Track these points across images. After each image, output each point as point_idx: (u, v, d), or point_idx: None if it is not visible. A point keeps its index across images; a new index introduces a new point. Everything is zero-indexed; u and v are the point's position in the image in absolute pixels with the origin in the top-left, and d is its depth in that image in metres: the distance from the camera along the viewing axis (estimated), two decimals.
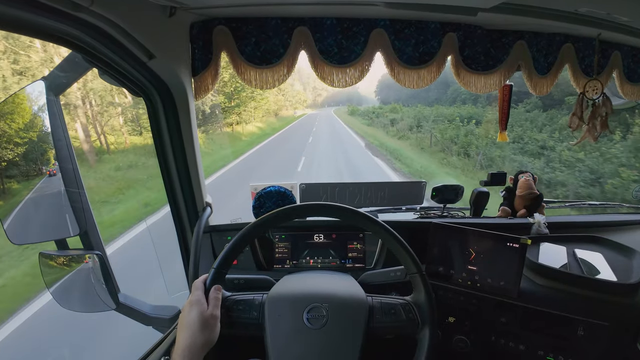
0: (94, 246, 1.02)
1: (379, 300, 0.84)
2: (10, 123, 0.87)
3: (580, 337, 0.96)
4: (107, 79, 0.96)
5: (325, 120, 41.95)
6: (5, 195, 0.86)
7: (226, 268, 0.81)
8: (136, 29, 0.83)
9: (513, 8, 1.00)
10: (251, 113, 22.94)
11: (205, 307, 0.74)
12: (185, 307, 0.74)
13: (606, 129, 1.18)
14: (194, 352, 0.68)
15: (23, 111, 0.87)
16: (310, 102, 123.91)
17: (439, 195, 1.50)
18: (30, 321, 3.23)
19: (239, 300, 0.83)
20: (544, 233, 1.25)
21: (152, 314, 1.13)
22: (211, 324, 0.72)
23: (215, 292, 0.77)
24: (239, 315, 0.80)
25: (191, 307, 0.73)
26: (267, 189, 1.35)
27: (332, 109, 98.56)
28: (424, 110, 23.48)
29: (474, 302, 1.05)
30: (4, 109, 0.88)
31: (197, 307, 0.73)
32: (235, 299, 0.83)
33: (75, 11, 0.68)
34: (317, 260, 1.28)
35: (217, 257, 0.81)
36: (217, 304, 0.76)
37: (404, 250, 0.83)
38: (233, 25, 1.11)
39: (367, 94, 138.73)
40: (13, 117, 0.87)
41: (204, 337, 0.70)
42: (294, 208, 0.86)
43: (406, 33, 1.16)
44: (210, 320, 0.72)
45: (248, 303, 0.82)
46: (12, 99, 0.89)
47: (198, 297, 0.75)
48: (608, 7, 1.02)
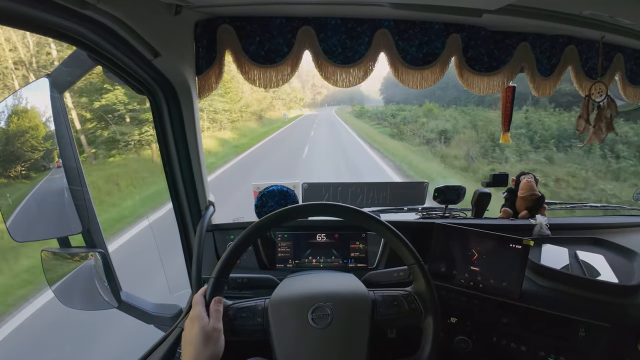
0: (96, 244, 1.02)
1: (381, 294, 0.85)
2: (34, 135, 0.95)
3: (582, 338, 0.97)
4: (111, 76, 0.96)
5: (326, 126, 30.19)
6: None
7: (226, 276, 0.80)
8: (142, 27, 0.83)
9: (517, 10, 1.00)
10: (216, 117, 16.27)
11: (207, 322, 0.73)
12: (187, 324, 0.74)
13: (612, 130, 1.19)
14: None
15: (41, 125, 0.95)
16: (308, 100, 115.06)
17: (440, 196, 1.50)
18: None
19: (242, 308, 0.82)
20: (546, 234, 1.26)
21: (154, 313, 1.13)
22: (214, 337, 0.72)
23: (216, 305, 0.76)
24: (242, 323, 0.80)
25: (192, 323, 0.73)
26: (269, 188, 1.35)
27: (333, 108, 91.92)
28: (469, 115, 16.66)
29: (475, 302, 1.06)
30: (28, 125, 0.96)
31: (198, 322, 0.72)
32: (237, 307, 0.82)
33: (82, 8, 0.67)
34: (319, 260, 1.28)
35: (216, 265, 0.80)
36: (218, 316, 0.75)
37: (402, 243, 0.84)
38: (237, 24, 1.10)
39: (370, 93, 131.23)
40: (36, 132, 0.95)
41: (209, 352, 0.69)
42: (295, 208, 0.87)
43: (410, 34, 1.16)
44: (213, 334, 0.72)
45: (251, 310, 0.81)
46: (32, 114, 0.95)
47: (198, 312, 0.74)
48: (611, 10, 1.02)
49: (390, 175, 9.64)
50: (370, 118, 36.42)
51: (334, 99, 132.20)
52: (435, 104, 22.77)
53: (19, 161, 0.96)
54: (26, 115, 0.94)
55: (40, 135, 0.94)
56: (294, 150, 14.29)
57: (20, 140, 0.95)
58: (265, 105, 33.83)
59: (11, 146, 0.95)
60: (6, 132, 0.94)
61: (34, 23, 0.67)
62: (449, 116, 18.79)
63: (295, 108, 56.58)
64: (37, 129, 0.94)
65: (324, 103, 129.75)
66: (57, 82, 0.92)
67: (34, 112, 0.95)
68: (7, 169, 0.97)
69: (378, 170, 10.35)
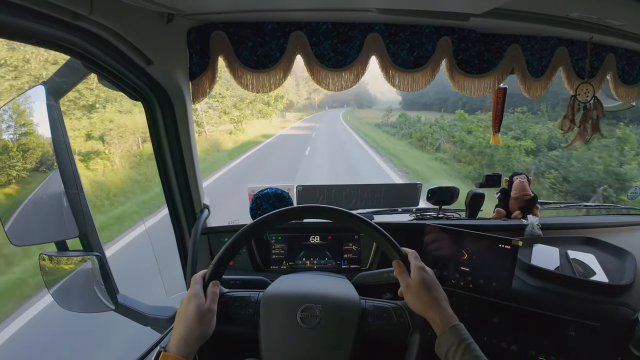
0: (93, 247, 1.05)
1: (372, 304, 0.85)
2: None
3: (572, 337, 0.98)
4: (106, 84, 0.98)
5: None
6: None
7: (224, 265, 0.83)
8: (134, 36, 0.85)
9: (505, 13, 1.01)
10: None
11: (203, 301, 0.76)
12: (184, 300, 0.76)
13: (597, 131, 1.20)
14: (189, 343, 0.70)
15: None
16: (303, 102, 73.99)
17: (434, 197, 1.51)
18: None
19: (236, 297, 0.84)
20: (537, 234, 1.27)
21: (150, 315, 1.15)
22: (208, 317, 0.74)
23: (213, 287, 0.79)
24: (235, 311, 0.82)
25: (189, 299, 0.75)
26: (264, 191, 1.37)
27: (340, 110, 67.38)
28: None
29: (466, 302, 1.07)
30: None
31: (195, 300, 0.75)
32: (232, 296, 0.85)
33: (75, 20, 0.70)
34: (313, 262, 1.30)
35: (216, 255, 0.83)
36: (214, 298, 0.78)
37: (388, 242, 0.83)
38: (230, 30, 1.12)
39: (379, 94, 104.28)
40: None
41: (200, 330, 0.72)
42: (289, 210, 0.88)
43: (401, 37, 1.17)
44: (207, 314, 0.74)
45: (244, 300, 0.84)
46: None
47: (196, 291, 0.77)
48: (599, 11, 1.03)
49: None
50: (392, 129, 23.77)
51: (336, 100, 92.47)
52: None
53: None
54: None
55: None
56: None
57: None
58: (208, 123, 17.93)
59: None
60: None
61: (29, 35, 0.70)
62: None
63: (272, 115, 26.55)
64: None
65: (323, 104, 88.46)
66: (52, 89, 0.95)
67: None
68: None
69: None
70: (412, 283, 0.78)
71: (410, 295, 0.78)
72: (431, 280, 0.79)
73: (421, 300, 0.76)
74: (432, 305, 0.76)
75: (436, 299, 0.76)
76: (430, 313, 0.75)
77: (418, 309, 0.77)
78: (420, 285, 0.77)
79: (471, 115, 15.99)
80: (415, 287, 0.77)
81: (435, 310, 0.75)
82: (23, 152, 1.32)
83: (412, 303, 0.78)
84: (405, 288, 0.79)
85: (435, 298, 0.76)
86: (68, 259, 1.04)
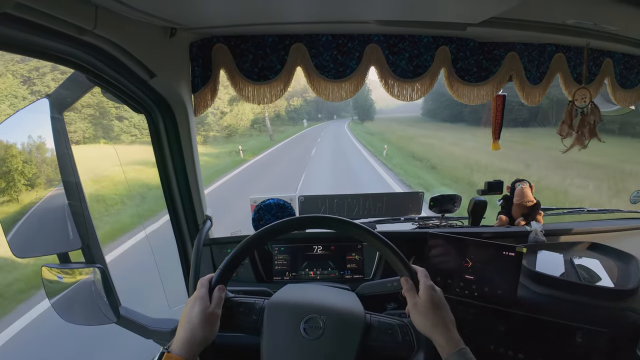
0: (95, 259, 1.05)
1: (377, 319, 0.83)
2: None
3: (579, 344, 0.96)
4: (109, 96, 1.00)
5: None
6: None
7: (231, 271, 0.82)
8: (138, 50, 0.87)
9: (501, 22, 1.03)
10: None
11: (208, 305, 0.75)
12: (189, 302, 0.76)
13: (595, 136, 1.20)
14: (192, 346, 0.70)
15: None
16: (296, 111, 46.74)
17: (437, 205, 1.51)
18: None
19: (241, 303, 0.84)
20: (541, 241, 1.26)
21: (152, 327, 1.14)
22: (212, 321, 0.74)
23: (219, 292, 0.79)
24: (239, 317, 0.82)
25: (195, 302, 0.75)
26: (266, 201, 1.37)
27: (345, 122, 51.97)
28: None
29: (471, 311, 1.05)
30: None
31: (201, 303, 0.75)
32: (237, 301, 0.84)
33: (80, 34, 0.71)
34: (316, 272, 1.29)
35: (224, 260, 0.82)
36: (219, 302, 0.77)
37: (391, 251, 0.82)
38: (231, 43, 1.14)
39: (385, 104, 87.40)
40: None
41: (204, 333, 0.72)
42: (291, 220, 0.87)
43: (400, 47, 1.19)
44: (211, 317, 0.74)
45: (249, 306, 0.83)
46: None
47: (202, 294, 0.76)
48: (595, 18, 1.05)
49: None
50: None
51: (328, 110, 66.90)
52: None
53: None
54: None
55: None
56: None
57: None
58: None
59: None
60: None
61: (34, 49, 0.71)
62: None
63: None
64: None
65: (314, 115, 59.07)
66: (56, 102, 0.96)
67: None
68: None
69: None
70: (419, 302, 0.76)
71: (417, 313, 0.76)
72: (440, 301, 0.77)
73: (428, 320, 0.74)
74: (438, 326, 0.73)
75: (443, 320, 0.74)
76: (436, 334, 0.73)
77: (424, 328, 0.75)
78: (428, 304, 0.75)
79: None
80: (423, 306, 0.75)
81: (441, 331, 0.73)
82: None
83: (418, 322, 0.76)
84: (412, 306, 0.77)
85: (442, 319, 0.74)
86: (70, 271, 1.03)
